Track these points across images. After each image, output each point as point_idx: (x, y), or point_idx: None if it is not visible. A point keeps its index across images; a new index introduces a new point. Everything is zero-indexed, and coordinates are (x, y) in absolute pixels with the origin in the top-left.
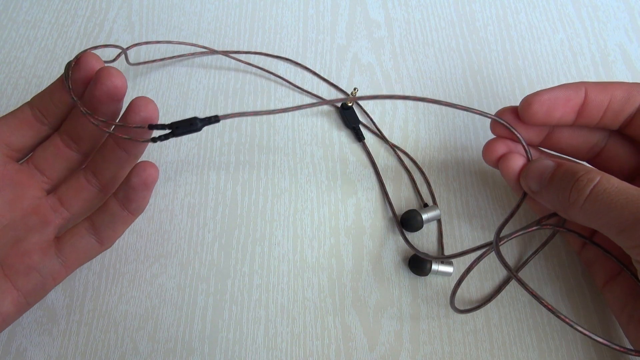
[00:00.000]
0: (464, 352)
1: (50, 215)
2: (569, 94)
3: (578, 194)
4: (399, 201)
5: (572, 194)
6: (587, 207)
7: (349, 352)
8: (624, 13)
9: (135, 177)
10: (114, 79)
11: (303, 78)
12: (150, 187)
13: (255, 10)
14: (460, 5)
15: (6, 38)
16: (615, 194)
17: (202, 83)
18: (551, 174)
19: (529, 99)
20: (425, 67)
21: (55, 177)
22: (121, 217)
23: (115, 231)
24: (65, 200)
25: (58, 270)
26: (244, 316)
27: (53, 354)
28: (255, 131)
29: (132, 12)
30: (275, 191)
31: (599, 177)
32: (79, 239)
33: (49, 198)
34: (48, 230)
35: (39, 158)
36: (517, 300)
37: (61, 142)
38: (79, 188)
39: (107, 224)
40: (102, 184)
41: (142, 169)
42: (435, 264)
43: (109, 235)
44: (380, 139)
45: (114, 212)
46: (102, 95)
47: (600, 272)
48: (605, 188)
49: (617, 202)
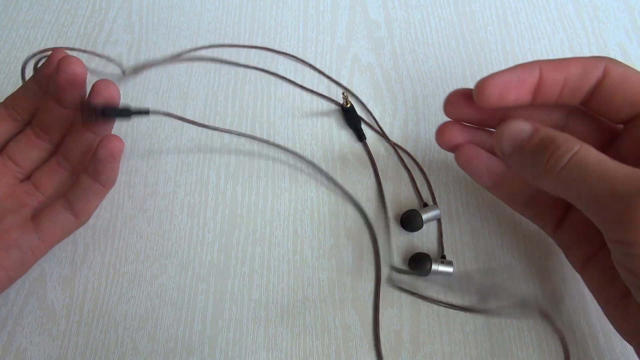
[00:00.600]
0: (464, 352)
1: (26, 198)
2: (522, 75)
3: (555, 161)
4: (399, 201)
5: (549, 161)
6: (562, 175)
7: (349, 352)
8: (624, 13)
9: (101, 149)
10: (73, 66)
11: (303, 77)
12: (116, 158)
13: (255, 11)
14: (460, 5)
15: (6, 38)
16: (594, 165)
17: (202, 83)
18: (528, 138)
19: (482, 82)
20: (425, 67)
21: (28, 167)
22: (93, 189)
23: (88, 204)
24: (39, 185)
25: (37, 246)
26: (244, 316)
27: (53, 354)
28: (255, 131)
29: (132, 12)
30: (275, 191)
31: (578, 146)
32: (55, 214)
33: (24, 184)
34: (24, 211)
35: (13, 150)
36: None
37: (33, 134)
38: (52, 172)
39: (81, 198)
40: (73, 166)
41: (107, 142)
42: (435, 264)
43: (83, 209)
44: (381, 136)
45: (86, 185)
46: (64, 82)
47: (577, 254)
48: (584, 157)
49: (594, 174)
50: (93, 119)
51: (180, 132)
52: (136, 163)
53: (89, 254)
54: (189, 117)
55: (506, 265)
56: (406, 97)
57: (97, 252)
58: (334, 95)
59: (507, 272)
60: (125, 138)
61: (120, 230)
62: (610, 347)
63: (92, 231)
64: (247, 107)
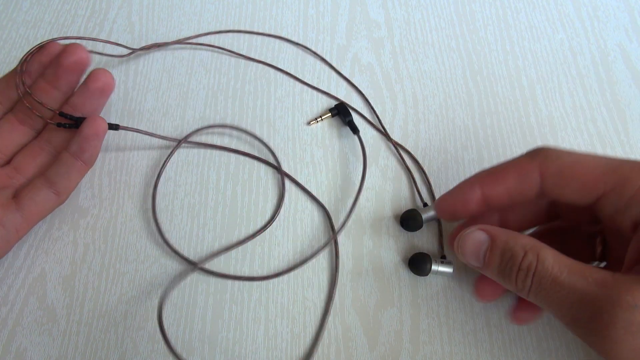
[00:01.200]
0: (464, 352)
1: (7, 180)
2: (465, 196)
3: (522, 283)
4: (398, 201)
5: (517, 282)
6: (534, 295)
7: (349, 352)
8: (624, 13)
9: (87, 128)
10: (79, 51)
11: (303, 76)
12: (101, 137)
13: (255, 11)
14: (460, 5)
15: (6, 38)
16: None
17: (202, 83)
18: (488, 252)
19: (437, 202)
20: (425, 67)
21: (9, 152)
22: (75, 167)
23: (70, 181)
24: (21, 167)
25: (20, 224)
26: (244, 316)
27: (53, 354)
28: (255, 131)
29: (132, 12)
30: (275, 191)
31: (535, 258)
32: (36, 193)
33: (5, 168)
34: (6, 192)
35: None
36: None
37: (16, 120)
38: (33, 155)
39: (62, 175)
40: (55, 148)
41: (93, 121)
42: (435, 264)
43: (64, 186)
44: (383, 135)
45: (68, 163)
46: (70, 64)
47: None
48: (543, 269)
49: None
50: (67, 127)
51: (180, 132)
52: (136, 163)
53: (89, 254)
54: (188, 117)
55: None
56: (406, 97)
57: (97, 252)
58: (333, 91)
59: None
60: (125, 138)
61: (120, 230)
62: None
63: (92, 231)
64: (247, 107)
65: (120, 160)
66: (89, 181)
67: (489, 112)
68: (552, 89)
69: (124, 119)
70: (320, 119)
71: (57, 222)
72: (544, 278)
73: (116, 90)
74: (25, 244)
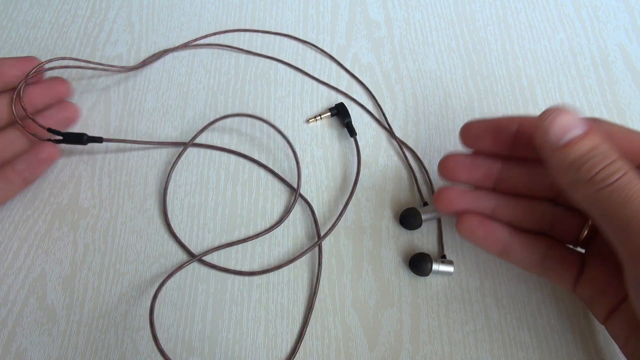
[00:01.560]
0: (464, 352)
1: None
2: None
3: (602, 177)
4: (398, 200)
5: (597, 175)
6: (603, 193)
7: (349, 352)
8: (624, 13)
9: (41, 153)
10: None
11: (303, 78)
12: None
13: (255, 11)
14: (460, 5)
15: (6, 38)
16: (636, 194)
17: (202, 83)
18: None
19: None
20: (425, 67)
21: None
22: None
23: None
24: None
25: None
26: (244, 316)
27: (53, 354)
28: (255, 132)
29: (132, 12)
30: (275, 191)
31: (627, 169)
32: None
33: None
34: None
35: None
36: (516, 300)
37: None
38: None
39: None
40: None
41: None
42: (435, 264)
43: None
44: (386, 132)
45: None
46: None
47: (601, 306)
48: (629, 183)
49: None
50: (55, 142)
51: (180, 132)
52: (136, 163)
53: (89, 254)
54: (188, 117)
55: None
56: (406, 97)
57: (97, 252)
58: (334, 82)
59: (510, 273)
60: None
61: (120, 231)
62: None
63: (92, 231)
64: (247, 107)
65: (120, 160)
66: (89, 181)
67: (489, 112)
68: (552, 89)
69: (124, 119)
70: (320, 117)
71: (57, 222)
72: (617, 191)
73: (116, 90)
74: (25, 244)
